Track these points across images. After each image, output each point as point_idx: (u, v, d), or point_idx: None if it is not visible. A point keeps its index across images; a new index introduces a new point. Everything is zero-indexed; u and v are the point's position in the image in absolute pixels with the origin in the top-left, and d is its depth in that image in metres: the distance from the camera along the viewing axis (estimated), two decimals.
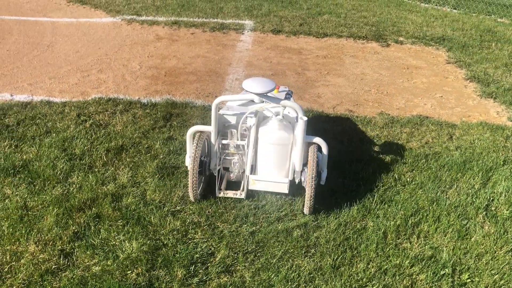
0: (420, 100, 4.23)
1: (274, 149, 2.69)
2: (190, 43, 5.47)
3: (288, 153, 2.71)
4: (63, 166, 2.93)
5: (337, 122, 3.69)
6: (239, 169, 2.80)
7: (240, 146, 2.79)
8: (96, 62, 4.80)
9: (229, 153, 2.80)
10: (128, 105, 3.80)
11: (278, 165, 2.73)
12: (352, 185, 2.89)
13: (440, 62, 5.19)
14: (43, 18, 6.23)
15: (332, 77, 4.67)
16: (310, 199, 2.56)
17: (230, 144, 2.79)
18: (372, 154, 3.24)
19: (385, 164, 3.13)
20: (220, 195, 2.74)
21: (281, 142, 2.68)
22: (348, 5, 7.35)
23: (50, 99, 3.91)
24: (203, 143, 2.69)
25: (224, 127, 2.82)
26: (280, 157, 2.71)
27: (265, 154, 2.73)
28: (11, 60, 4.77)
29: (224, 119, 2.81)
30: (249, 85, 2.59)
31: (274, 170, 2.74)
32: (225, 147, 2.81)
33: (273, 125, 2.70)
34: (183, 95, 4.12)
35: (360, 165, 3.09)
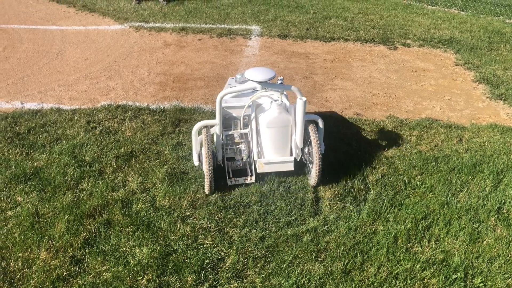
0: (428, 102, 4.21)
1: (277, 131, 2.89)
2: (198, 49, 5.50)
3: (289, 134, 2.92)
4: (74, 173, 2.95)
5: (345, 126, 3.69)
6: (246, 155, 2.94)
7: (243, 135, 2.97)
8: (105, 69, 4.84)
9: (234, 143, 2.96)
10: (137, 112, 3.82)
11: (282, 146, 2.93)
12: (362, 188, 2.88)
13: (449, 64, 5.16)
14: (52, 27, 6.30)
15: (340, 81, 4.67)
16: (317, 174, 2.80)
17: (234, 134, 2.96)
18: (381, 158, 3.23)
19: (394, 167, 3.12)
20: (232, 183, 2.88)
21: (283, 124, 2.88)
22: (354, 8, 7.35)
23: (60, 106, 3.95)
24: (211, 137, 2.83)
25: (225, 119, 2.97)
26: (283, 138, 2.92)
27: (269, 138, 2.90)
28: (22, 68, 4.82)
29: (224, 112, 2.93)
30: (252, 75, 2.80)
31: (279, 151, 2.93)
32: (229, 137, 2.96)
33: (273, 110, 2.87)
34: (191, 101, 4.14)
35: (369, 169, 3.08)
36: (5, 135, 3.39)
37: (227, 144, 2.97)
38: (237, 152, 2.96)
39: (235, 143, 2.97)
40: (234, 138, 2.97)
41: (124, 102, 4.00)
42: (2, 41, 5.68)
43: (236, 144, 2.97)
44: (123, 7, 7.17)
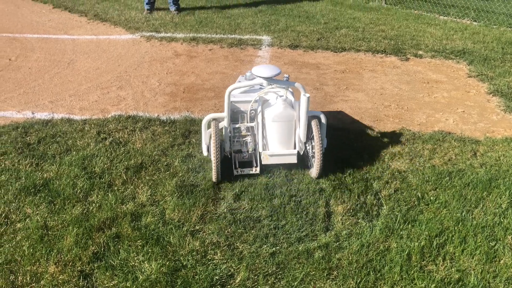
0: (441, 115, 4.15)
1: (282, 126, 3.09)
2: (208, 59, 5.49)
3: (293, 128, 3.11)
4: (83, 185, 2.93)
5: (357, 139, 3.64)
6: (252, 147, 3.13)
7: (249, 128, 3.18)
8: (115, 79, 4.85)
9: (241, 135, 3.17)
10: (147, 123, 3.81)
11: (286, 139, 3.12)
12: (374, 204, 2.83)
13: (461, 76, 5.10)
14: (64, 36, 6.34)
15: (351, 92, 4.63)
16: (318, 167, 2.98)
17: (241, 127, 3.17)
18: (394, 172, 3.18)
19: (407, 182, 3.06)
20: (238, 173, 3.08)
21: (287, 118, 3.08)
22: (365, 19, 7.32)
23: (71, 116, 3.95)
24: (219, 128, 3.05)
25: (233, 113, 3.20)
26: (287, 132, 3.11)
27: (274, 131, 3.10)
28: (33, 78, 4.85)
29: (233, 106, 3.18)
30: (259, 71, 3.03)
31: (283, 144, 3.13)
32: (236, 130, 3.16)
33: (279, 105, 3.08)
34: (202, 112, 4.12)
35: (382, 183, 3.03)
36: (15, 146, 3.39)
37: (234, 136, 3.16)
38: (243, 144, 3.15)
39: (242, 135, 3.17)
40: (241, 131, 3.17)
41: (134, 113, 4.00)
42: (15, 50, 5.73)
43: (243, 137, 3.17)
44: (134, 16, 7.21)
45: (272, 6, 8.00)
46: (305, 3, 8.33)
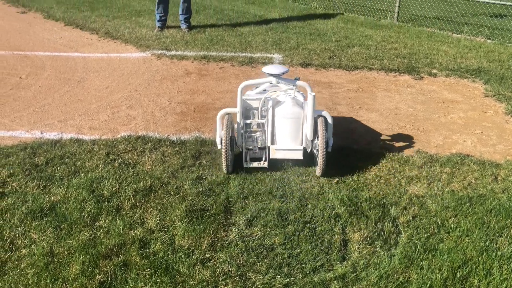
0: (459, 136, 4.03)
1: (289, 122, 3.29)
2: (219, 78, 5.44)
3: (301, 125, 3.30)
4: (91, 209, 2.85)
5: (372, 161, 3.53)
6: (261, 142, 3.33)
7: (260, 124, 3.39)
8: (126, 98, 4.81)
9: (252, 131, 3.38)
10: (157, 143, 3.74)
11: (293, 135, 3.32)
12: (392, 231, 2.71)
13: (477, 95, 4.99)
14: (74, 54, 6.35)
15: (365, 112, 4.53)
16: (322, 163, 3.15)
17: (252, 122, 3.39)
18: (411, 197, 3.06)
19: (426, 208, 2.94)
20: (247, 166, 3.29)
21: (295, 116, 3.28)
22: (378, 36, 7.25)
23: (80, 136, 3.89)
24: (231, 123, 3.28)
25: (245, 109, 3.44)
26: (295, 128, 3.31)
27: (282, 127, 3.31)
28: (43, 96, 4.82)
29: (246, 103, 3.44)
30: (269, 69, 3.34)
31: (290, 140, 3.33)
32: (248, 126, 3.39)
33: (287, 103, 3.32)
34: (212, 132, 4.04)
35: (399, 209, 2.92)
36: (23, 167, 3.32)
37: (245, 131, 3.38)
38: (254, 139, 3.37)
39: (252, 131, 3.39)
40: (252, 126, 3.40)
41: (144, 133, 3.93)
42: (26, 68, 5.73)
43: (254, 132, 3.39)
44: (145, 34, 7.21)
45: (283, 24, 7.98)
46: (316, 21, 8.29)
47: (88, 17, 8.45)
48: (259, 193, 3.06)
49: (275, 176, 3.27)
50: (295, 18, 8.51)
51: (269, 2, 10.23)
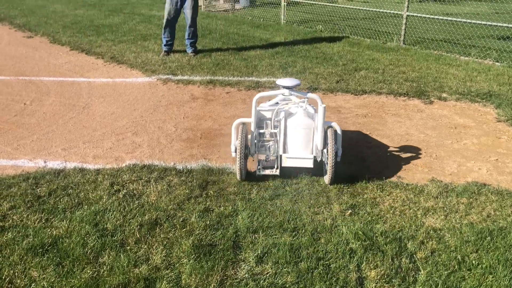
0: (473, 164, 3.91)
1: (301, 132, 3.47)
2: (226, 103, 5.37)
3: (311, 136, 3.47)
4: (94, 244, 2.73)
5: (386, 191, 3.40)
6: (274, 151, 3.50)
7: (273, 134, 3.56)
8: (131, 124, 4.73)
9: (265, 140, 3.55)
10: (163, 172, 3.64)
11: (304, 145, 3.49)
12: (410, 268, 2.57)
13: (490, 120, 4.88)
14: (80, 79, 6.31)
15: (375, 138, 4.42)
16: (331, 172, 3.34)
17: (266, 132, 3.56)
18: (428, 230, 2.92)
19: (444, 242, 2.81)
20: (259, 173, 3.48)
21: (306, 126, 3.46)
22: (384, 60, 7.19)
23: (84, 165, 3.79)
24: (246, 132, 3.45)
25: (259, 120, 3.66)
26: (306, 138, 3.48)
27: (294, 137, 3.48)
28: (47, 123, 4.75)
29: (260, 114, 3.65)
30: (282, 81, 3.56)
31: (301, 149, 3.49)
32: (261, 135, 3.56)
33: (299, 114, 3.49)
34: (219, 160, 3.94)
35: (417, 244, 2.78)
36: (25, 199, 3.22)
37: (259, 140, 3.55)
38: (267, 148, 3.53)
39: (265, 140, 3.56)
40: (265, 136, 3.57)
41: (149, 162, 3.83)
42: (30, 94, 5.68)
43: (267, 141, 3.55)
44: (151, 59, 7.19)
45: (289, 47, 7.95)
46: (322, 44, 8.26)
47: (93, 42, 8.46)
48: (269, 226, 2.94)
49: (285, 208, 3.15)
50: (301, 41, 8.50)
51: (274, 25, 10.24)
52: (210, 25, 10.19)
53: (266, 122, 3.67)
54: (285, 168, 3.54)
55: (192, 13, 7.19)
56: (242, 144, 3.36)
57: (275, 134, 3.56)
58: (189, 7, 7.14)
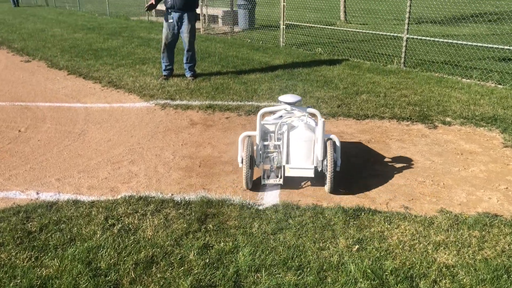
0: (483, 193, 3.76)
1: (303, 144, 3.69)
2: (225, 129, 5.25)
3: (312, 147, 3.70)
4: (86, 285, 2.57)
5: (393, 223, 3.25)
6: (277, 161, 3.76)
7: (277, 146, 3.83)
8: (128, 152, 4.59)
9: (269, 151, 3.83)
10: (160, 205, 3.48)
11: (306, 156, 3.71)
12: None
13: (496, 145, 4.75)
14: (76, 104, 6.20)
15: (380, 166, 4.28)
16: (331, 181, 3.60)
17: (270, 144, 3.85)
18: (441, 267, 2.76)
19: (459, 281, 2.64)
20: (264, 182, 3.74)
21: (307, 139, 3.69)
22: (386, 83, 7.10)
23: (78, 197, 3.64)
24: (251, 144, 3.70)
25: (264, 133, 3.91)
26: (307, 150, 3.70)
27: (296, 149, 3.70)
28: (41, 151, 4.61)
29: (264, 127, 3.90)
30: (284, 98, 3.89)
31: (303, 160, 3.71)
32: (266, 147, 3.84)
33: (301, 127, 3.75)
34: (219, 190, 3.80)
35: (429, 283, 2.61)
36: (14, 235, 3.06)
37: (264, 152, 3.83)
38: (271, 159, 3.81)
39: (270, 151, 3.83)
40: (269, 147, 3.85)
41: (146, 193, 3.68)
42: (26, 121, 5.56)
43: (271, 153, 3.82)
44: (149, 83, 7.10)
45: (289, 70, 7.88)
46: (322, 67, 8.20)
47: (91, 66, 8.39)
48: (272, 264, 2.78)
49: (289, 243, 2.99)
50: (301, 64, 8.43)
51: (273, 48, 10.20)
52: (209, 48, 10.15)
53: (270, 134, 3.91)
54: (289, 178, 3.84)
55: (189, 37, 7.11)
56: (248, 155, 3.61)
57: (278, 146, 3.83)
58: (186, 32, 7.07)
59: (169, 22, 7.07)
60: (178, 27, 7.07)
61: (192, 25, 7.08)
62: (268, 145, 3.86)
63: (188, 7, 6.96)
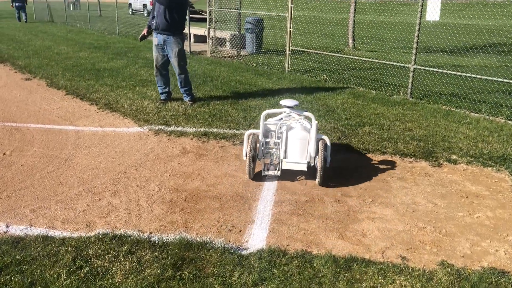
0: (489, 244, 3.45)
1: (298, 142, 4.37)
2: (218, 159, 4.99)
3: (306, 145, 4.36)
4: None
5: (388, 278, 2.94)
6: (276, 156, 4.42)
7: (276, 143, 4.46)
8: (112, 182, 4.35)
9: (269, 147, 4.47)
10: (134, 245, 3.21)
11: (300, 152, 4.37)
12: None
13: (505, 188, 4.44)
14: (68, 127, 6.00)
15: (378, 207, 3.99)
16: (320, 175, 4.23)
17: (270, 141, 4.48)
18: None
19: None
20: (264, 174, 4.40)
21: (302, 138, 4.36)
22: (390, 114, 6.83)
23: (49, 232, 3.39)
24: (255, 141, 4.41)
25: (266, 132, 4.52)
26: (302, 147, 4.36)
27: (293, 146, 4.38)
28: (22, 178, 4.38)
29: (266, 127, 4.52)
30: (284, 102, 4.62)
31: (298, 156, 4.37)
32: (267, 143, 4.48)
33: (297, 128, 4.44)
34: (202, 229, 3.52)
35: None
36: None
37: (265, 148, 4.46)
38: (271, 154, 4.45)
39: (270, 147, 4.47)
40: (270, 144, 4.48)
41: (122, 231, 3.41)
42: (13, 143, 5.36)
43: (271, 149, 4.46)
44: (146, 107, 6.91)
45: (291, 98, 7.64)
46: (326, 95, 7.96)
47: (91, 86, 8.24)
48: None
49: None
50: (304, 91, 8.21)
51: (278, 74, 10.02)
52: (213, 72, 9.99)
53: (271, 133, 4.53)
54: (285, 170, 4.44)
55: (178, 61, 6.87)
56: (251, 151, 4.30)
57: (278, 143, 4.45)
58: (173, 55, 6.84)
59: (154, 45, 6.90)
60: (164, 49, 6.89)
61: (179, 48, 6.82)
62: (269, 142, 4.48)
63: (172, 29, 6.73)
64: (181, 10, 6.77)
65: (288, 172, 4.55)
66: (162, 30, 6.73)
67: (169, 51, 6.84)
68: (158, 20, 6.72)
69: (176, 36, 6.81)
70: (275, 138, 4.48)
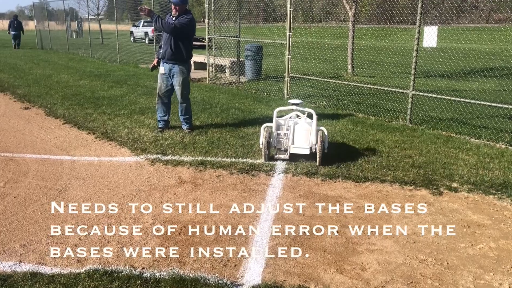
0: (492, 277, 3.33)
1: (303, 133, 5.66)
2: (215, 189, 4.92)
3: (309, 135, 5.62)
4: None
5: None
6: (286, 143, 5.69)
7: (286, 133, 5.72)
8: (105, 214, 4.26)
9: (280, 137, 5.74)
10: (125, 282, 3.11)
11: (304, 140, 5.65)
12: None
13: (508, 217, 4.33)
14: (64, 157, 5.95)
15: (378, 239, 3.89)
16: (319, 157, 5.52)
17: (281, 132, 5.75)
18: None
19: None
20: (276, 157, 5.69)
21: (306, 129, 5.66)
22: (389, 141, 6.77)
23: (39, 269, 3.29)
24: (269, 132, 5.70)
25: (277, 124, 5.77)
26: (305, 136, 5.65)
27: (298, 135, 5.65)
28: (14, 210, 4.31)
29: (278, 122, 5.81)
30: (292, 101, 6.06)
31: (302, 143, 5.64)
32: (279, 134, 5.75)
33: (302, 121, 5.79)
34: (196, 264, 3.42)
35: None
36: None
37: (276, 137, 5.74)
38: (281, 142, 5.73)
39: (281, 137, 5.74)
40: (281, 135, 5.74)
41: (113, 267, 3.31)
42: (7, 174, 5.30)
43: (281, 137, 5.73)
44: (143, 135, 6.87)
45: None
46: (325, 122, 7.90)
47: (89, 115, 8.23)
48: None
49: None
50: None
51: (277, 100, 10.02)
52: (212, 99, 10.00)
53: (281, 126, 5.82)
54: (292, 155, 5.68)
55: (181, 90, 6.90)
56: (266, 139, 5.61)
57: (287, 133, 5.73)
58: (177, 84, 6.87)
59: (160, 74, 6.92)
60: (169, 79, 6.91)
61: (183, 77, 6.86)
62: (280, 133, 5.76)
63: (177, 58, 6.78)
64: (187, 39, 6.81)
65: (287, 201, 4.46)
66: (168, 59, 6.77)
67: (174, 80, 6.88)
68: (164, 49, 6.78)
69: (182, 65, 6.85)
70: (285, 130, 5.76)
